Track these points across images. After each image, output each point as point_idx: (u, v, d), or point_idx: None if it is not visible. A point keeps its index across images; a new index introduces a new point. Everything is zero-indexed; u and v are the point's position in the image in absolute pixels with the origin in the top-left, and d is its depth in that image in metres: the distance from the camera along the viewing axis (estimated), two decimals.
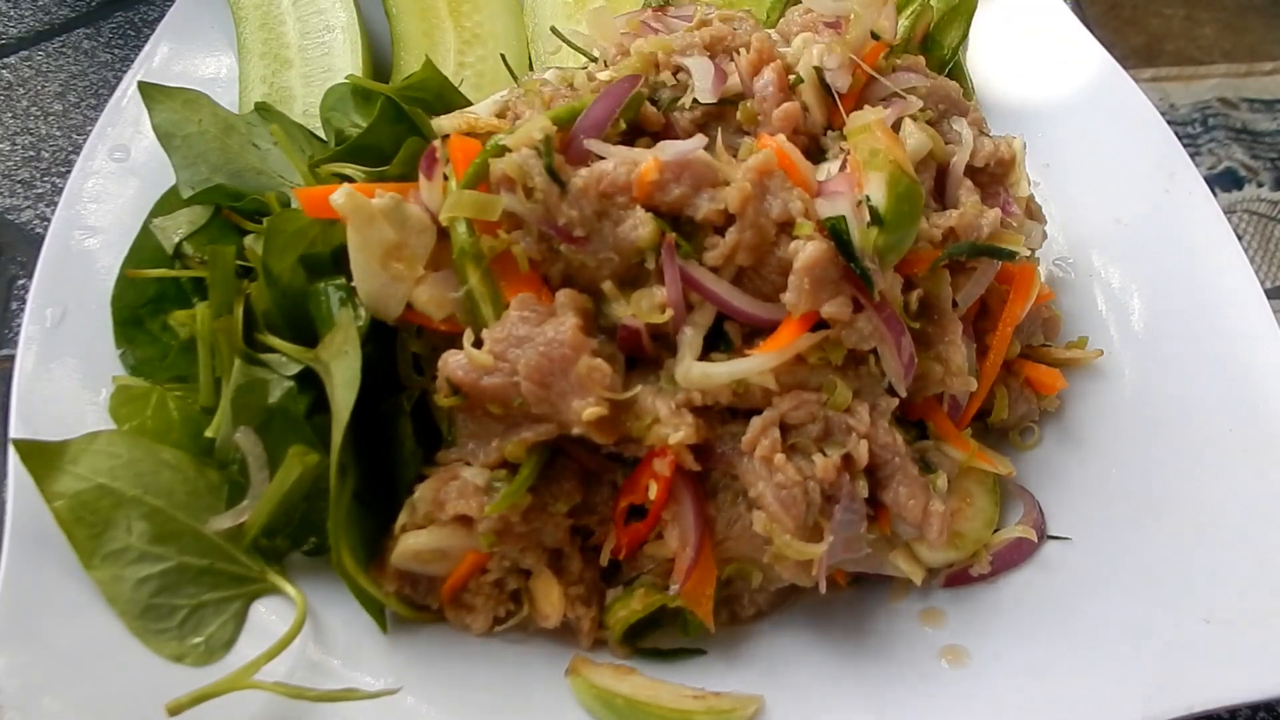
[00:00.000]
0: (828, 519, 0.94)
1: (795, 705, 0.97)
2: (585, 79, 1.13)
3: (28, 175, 1.59)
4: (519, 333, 0.94)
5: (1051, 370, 1.17)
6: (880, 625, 1.04)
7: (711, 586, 0.98)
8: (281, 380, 1.01)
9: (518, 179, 0.95)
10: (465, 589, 1.02)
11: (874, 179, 0.96)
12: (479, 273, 0.97)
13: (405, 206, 0.99)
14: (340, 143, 1.24)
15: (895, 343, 0.97)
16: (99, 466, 0.98)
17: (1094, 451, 1.15)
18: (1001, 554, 1.06)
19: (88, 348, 1.12)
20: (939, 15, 1.43)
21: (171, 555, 0.97)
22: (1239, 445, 1.10)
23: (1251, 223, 1.62)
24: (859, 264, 0.93)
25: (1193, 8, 1.96)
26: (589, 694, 0.96)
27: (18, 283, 1.45)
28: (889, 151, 0.97)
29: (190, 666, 0.94)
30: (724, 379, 0.94)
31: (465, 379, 0.93)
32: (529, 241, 0.98)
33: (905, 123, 1.07)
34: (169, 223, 1.15)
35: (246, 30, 1.47)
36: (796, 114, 1.06)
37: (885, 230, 0.94)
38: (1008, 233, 1.08)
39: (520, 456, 0.96)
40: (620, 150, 0.98)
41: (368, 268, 0.98)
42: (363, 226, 0.97)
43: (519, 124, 1.03)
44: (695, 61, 1.08)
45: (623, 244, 0.97)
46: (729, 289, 0.97)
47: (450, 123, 1.11)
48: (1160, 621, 0.99)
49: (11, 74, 1.74)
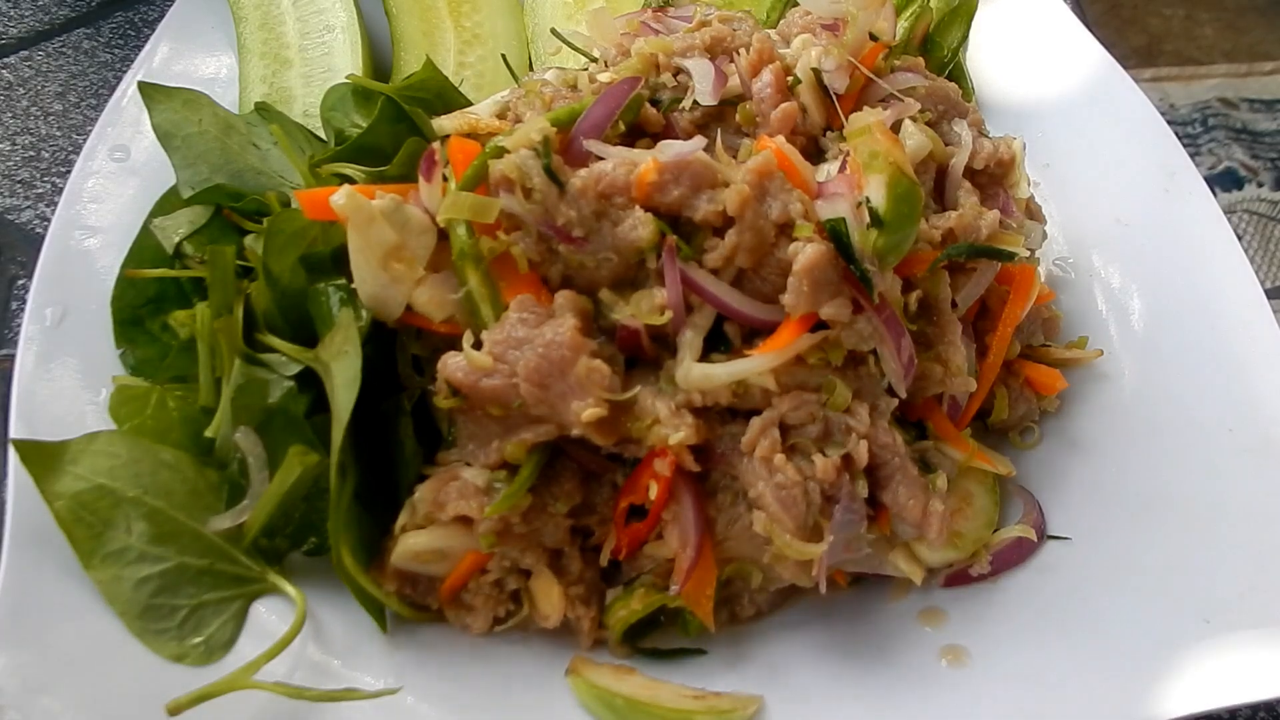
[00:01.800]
0: (828, 519, 0.94)
1: (795, 705, 0.97)
2: (587, 80, 1.13)
3: (28, 175, 1.59)
4: (518, 334, 0.94)
5: (1051, 371, 1.17)
6: (880, 625, 1.04)
7: (711, 587, 0.98)
8: (281, 380, 1.01)
9: (516, 180, 0.95)
10: (465, 589, 1.02)
11: (874, 180, 0.96)
12: (478, 274, 0.97)
13: (405, 208, 0.99)
14: (340, 143, 1.24)
15: (895, 344, 0.97)
16: (99, 466, 0.98)
17: (1094, 451, 1.15)
18: (1001, 554, 1.06)
19: (88, 348, 1.12)
20: (939, 17, 1.43)
21: (171, 555, 0.97)
22: (1239, 445, 1.10)
23: (1251, 223, 1.62)
24: (859, 266, 0.93)
25: (1193, 8, 1.96)
26: (589, 694, 0.96)
27: (18, 283, 1.45)
28: (889, 153, 0.96)
29: (190, 666, 0.94)
30: (724, 380, 0.94)
31: (465, 381, 0.93)
32: (528, 243, 0.98)
33: (905, 124, 1.07)
34: (169, 223, 1.15)
35: (246, 30, 1.47)
36: (794, 115, 1.06)
37: (885, 232, 0.94)
38: (1007, 234, 1.08)
39: (520, 457, 0.96)
40: (619, 151, 0.98)
41: (368, 269, 0.98)
42: (363, 228, 0.97)
43: (519, 125, 1.03)
44: (696, 63, 1.08)
45: (622, 244, 0.96)
46: (729, 291, 0.97)
47: (451, 123, 1.11)
48: (1160, 621, 0.99)
49: (11, 74, 1.74)
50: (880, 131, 0.99)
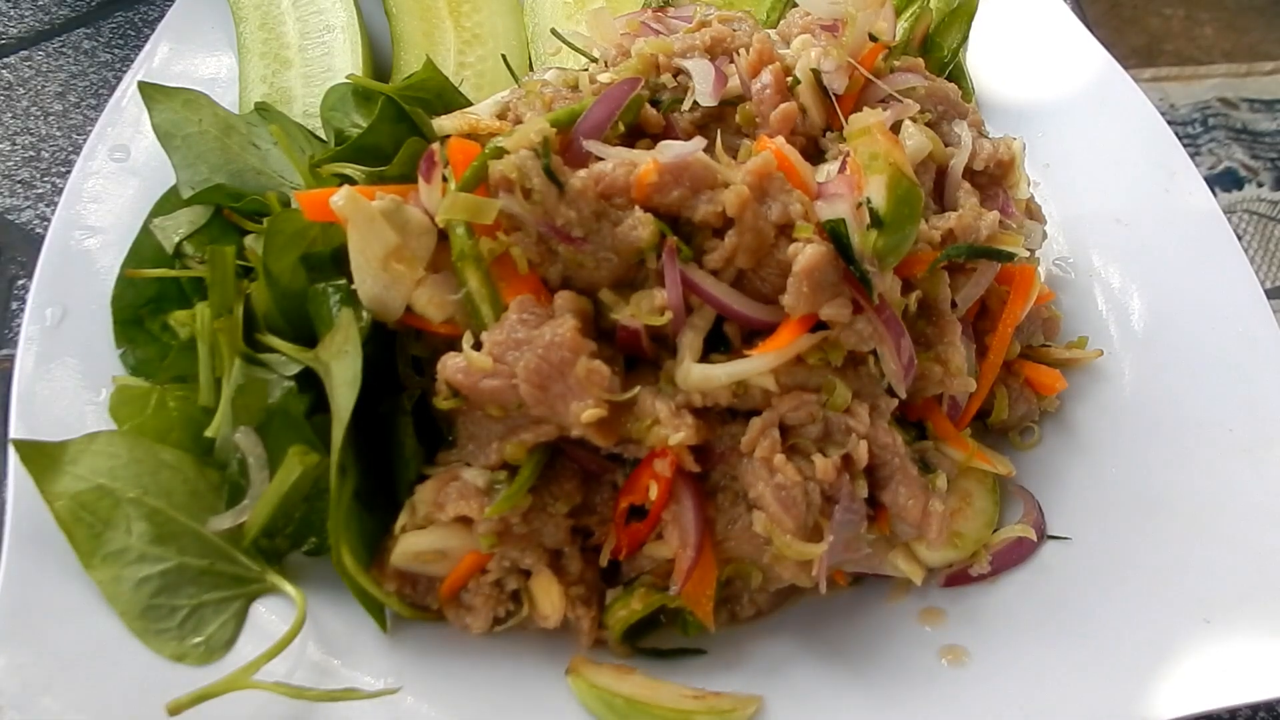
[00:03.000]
0: (828, 519, 0.94)
1: (795, 705, 0.97)
2: (587, 80, 1.13)
3: (28, 175, 1.59)
4: (518, 335, 0.93)
5: (1051, 371, 1.17)
6: (880, 625, 1.04)
7: (712, 587, 0.98)
8: (281, 380, 1.01)
9: (516, 180, 0.95)
10: (465, 589, 1.02)
11: (874, 181, 0.96)
12: (478, 275, 0.97)
13: (405, 208, 0.99)
14: (340, 143, 1.24)
15: (895, 344, 0.97)
16: (99, 467, 0.98)
17: (1094, 451, 1.15)
18: (1001, 553, 1.06)
19: (88, 348, 1.12)
20: (939, 17, 1.43)
21: (171, 555, 0.97)
22: (1238, 445, 1.10)
23: (1251, 223, 1.62)
24: (858, 267, 0.93)
25: (1193, 8, 1.96)
26: (589, 694, 0.96)
27: (18, 283, 1.45)
28: (889, 154, 0.96)
29: (190, 666, 0.94)
30: (724, 381, 0.94)
31: (464, 382, 0.93)
32: (527, 243, 0.98)
33: (905, 125, 1.07)
34: (169, 223, 1.15)
35: (246, 30, 1.47)
36: (794, 116, 1.06)
37: (885, 232, 0.94)
38: (1006, 234, 1.08)
39: (520, 458, 0.96)
40: (619, 151, 0.98)
41: (368, 270, 0.98)
42: (363, 229, 0.97)
43: (518, 126, 1.03)
44: (696, 64, 1.08)
45: (621, 245, 0.96)
46: (729, 292, 0.97)
47: (451, 124, 1.11)
48: (1160, 621, 0.99)
49: (11, 74, 1.74)
50: (880, 132, 0.99)
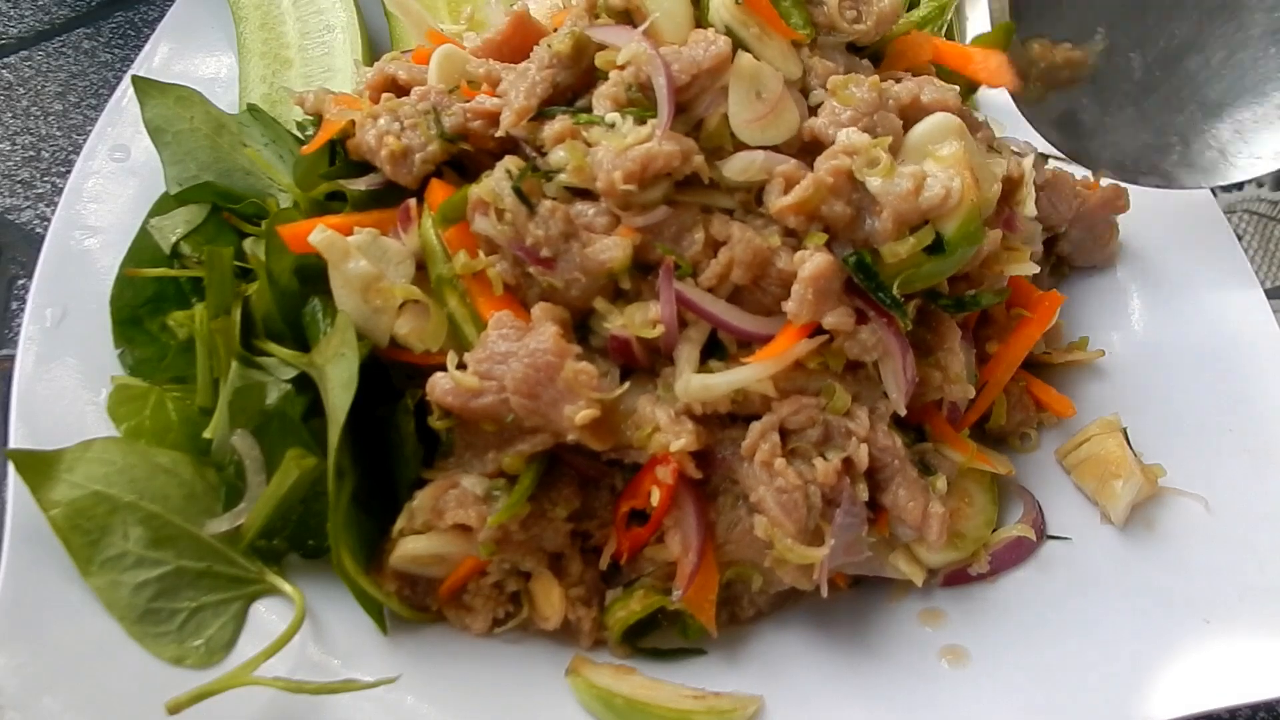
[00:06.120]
0: (828, 522, 0.94)
1: (795, 705, 0.97)
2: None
3: (28, 175, 1.59)
4: (500, 349, 0.93)
5: (1063, 399, 1.16)
6: (880, 625, 1.04)
7: (714, 592, 0.98)
8: (279, 383, 1.00)
9: (491, 202, 0.95)
10: (465, 590, 1.01)
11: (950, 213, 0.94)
12: (456, 296, 0.98)
13: (382, 240, 1.01)
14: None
15: (900, 360, 0.97)
16: (94, 473, 0.98)
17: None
18: (1001, 553, 1.06)
19: (87, 348, 1.12)
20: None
21: (169, 559, 0.97)
22: (1238, 445, 1.10)
23: (1251, 223, 1.61)
24: (888, 294, 0.93)
25: None
26: (589, 694, 0.96)
27: (18, 283, 1.45)
28: (968, 190, 0.94)
29: (191, 669, 0.94)
30: (724, 390, 0.94)
31: (455, 403, 0.93)
32: (504, 266, 0.98)
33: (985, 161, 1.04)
34: (166, 223, 1.15)
35: (246, 30, 1.47)
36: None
37: (935, 259, 0.94)
38: (1012, 252, 1.07)
39: (518, 468, 0.96)
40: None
41: (350, 301, 1.00)
42: (340, 263, 0.99)
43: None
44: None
45: (590, 265, 0.96)
46: (725, 307, 0.96)
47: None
48: (1160, 621, 0.99)
49: (11, 74, 1.74)
50: (964, 166, 0.96)
